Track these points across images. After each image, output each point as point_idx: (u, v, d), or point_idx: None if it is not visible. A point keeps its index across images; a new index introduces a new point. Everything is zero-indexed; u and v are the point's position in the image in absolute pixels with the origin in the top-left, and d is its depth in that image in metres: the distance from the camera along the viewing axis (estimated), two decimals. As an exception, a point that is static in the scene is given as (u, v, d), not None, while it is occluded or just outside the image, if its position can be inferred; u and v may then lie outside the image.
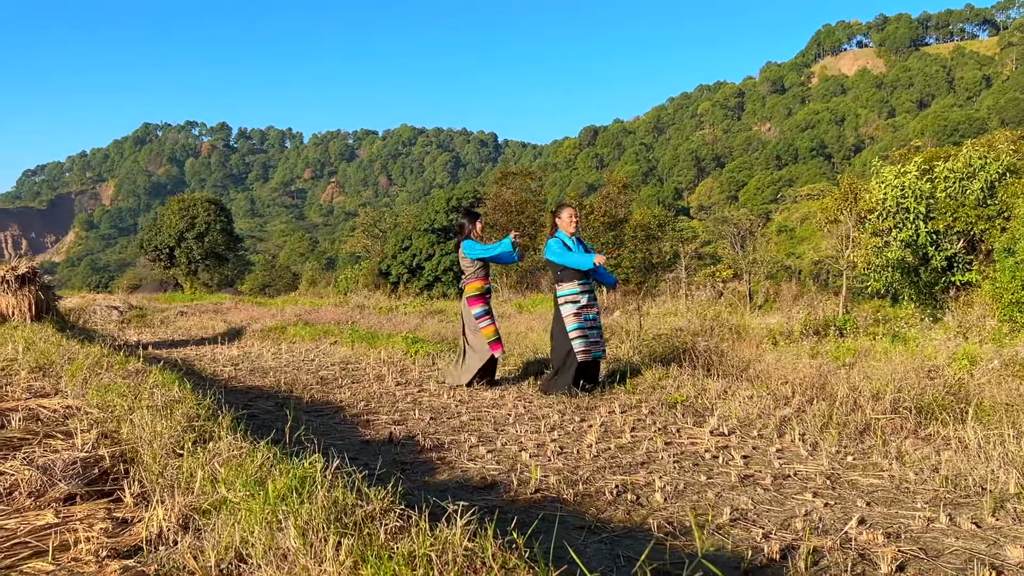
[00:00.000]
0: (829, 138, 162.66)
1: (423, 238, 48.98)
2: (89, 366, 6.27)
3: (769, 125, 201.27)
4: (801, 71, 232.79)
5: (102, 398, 4.98)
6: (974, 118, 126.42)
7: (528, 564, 1.98)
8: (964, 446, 4.53)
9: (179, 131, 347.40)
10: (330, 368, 9.00)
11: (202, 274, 56.51)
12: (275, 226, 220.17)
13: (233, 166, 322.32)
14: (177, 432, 3.69)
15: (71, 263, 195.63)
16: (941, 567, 2.96)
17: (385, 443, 5.20)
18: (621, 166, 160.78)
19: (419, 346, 10.08)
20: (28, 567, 2.52)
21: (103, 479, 3.49)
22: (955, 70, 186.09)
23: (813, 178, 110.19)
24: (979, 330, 13.00)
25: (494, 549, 2.03)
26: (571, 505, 3.79)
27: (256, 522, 2.42)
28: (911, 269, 26.09)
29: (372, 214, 78.90)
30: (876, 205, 26.31)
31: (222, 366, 9.30)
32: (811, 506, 3.73)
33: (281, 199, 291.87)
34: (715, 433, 5.39)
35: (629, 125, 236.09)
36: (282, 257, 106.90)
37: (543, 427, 5.61)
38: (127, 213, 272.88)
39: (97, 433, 4.23)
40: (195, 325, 15.53)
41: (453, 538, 2.08)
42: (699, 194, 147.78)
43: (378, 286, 45.30)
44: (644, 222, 38.96)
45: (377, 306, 19.84)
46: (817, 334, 13.83)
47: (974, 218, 23.79)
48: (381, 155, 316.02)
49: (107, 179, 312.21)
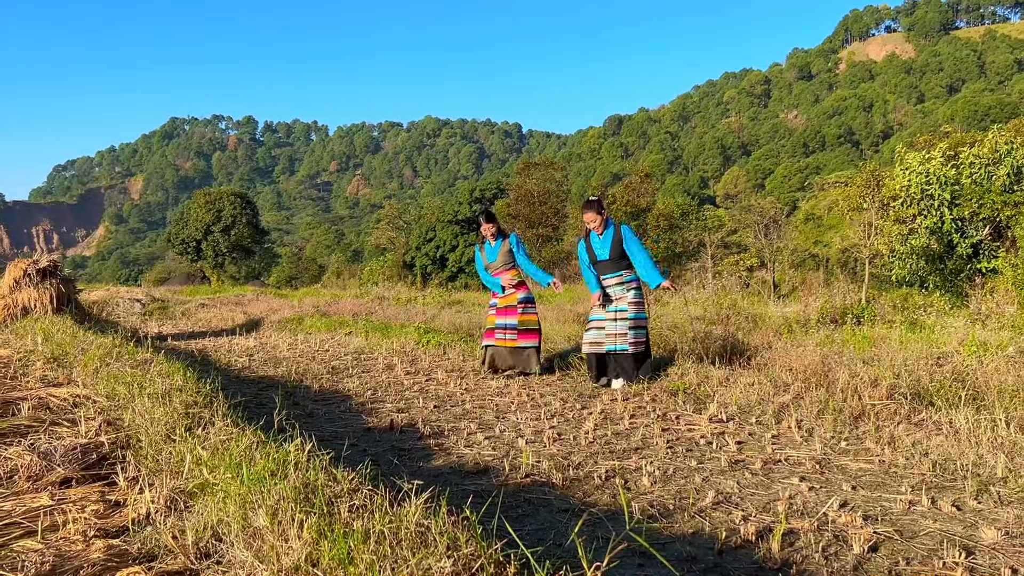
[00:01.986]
0: (857, 125, 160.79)
1: (447, 230, 49.14)
2: (101, 356, 6.42)
3: (796, 112, 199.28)
4: (828, 57, 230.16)
5: (110, 387, 5.12)
6: (1005, 103, 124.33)
7: (475, 539, 2.05)
8: (955, 431, 4.53)
9: (206, 125, 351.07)
10: (342, 358, 9.12)
11: (229, 267, 57.16)
12: (302, 219, 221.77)
13: (259, 159, 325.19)
14: (174, 418, 3.80)
15: (101, 257, 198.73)
16: (913, 548, 2.99)
17: (386, 430, 5.29)
18: (646, 155, 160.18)
19: (431, 336, 10.18)
20: (18, 545, 2.63)
21: (100, 464, 3.61)
22: (986, 54, 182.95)
23: (841, 166, 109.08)
24: (998, 317, 12.86)
25: (445, 525, 2.10)
26: (559, 489, 3.85)
27: (233, 503, 2.51)
28: (936, 256, 25.79)
29: (397, 206, 79.22)
30: (900, 192, 26.02)
31: (237, 356, 9.46)
32: (796, 490, 3.76)
33: (307, 192, 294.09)
34: (713, 420, 5.43)
35: (654, 114, 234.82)
36: (308, 250, 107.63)
37: (543, 414, 5.68)
38: (155, 207, 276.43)
39: (101, 421, 4.36)
40: (215, 317, 15.76)
41: (408, 515, 2.16)
42: (725, 183, 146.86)
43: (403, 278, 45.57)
44: (667, 212, 38.79)
45: (396, 297, 19.99)
46: (834, 322, 13.77)
47: (1000, 204, 23.47)
48: (406, 147, 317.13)
49: (136, 174, 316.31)
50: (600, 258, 7.14)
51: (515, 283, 7.86)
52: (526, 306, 7.79)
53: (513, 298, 7.80)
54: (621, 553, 2.99)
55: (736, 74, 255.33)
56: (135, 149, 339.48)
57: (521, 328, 7.69)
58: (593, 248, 7.20)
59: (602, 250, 7.13)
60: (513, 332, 7.70)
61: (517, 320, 7.69)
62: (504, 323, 7.76)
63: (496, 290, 8.00)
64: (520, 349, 7.70)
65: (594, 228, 7.16)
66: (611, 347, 6.94)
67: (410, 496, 2.31)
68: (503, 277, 7.86)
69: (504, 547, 2.09)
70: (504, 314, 7.80)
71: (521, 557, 2.01)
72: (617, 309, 7.01)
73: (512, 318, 7.73)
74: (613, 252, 7.08)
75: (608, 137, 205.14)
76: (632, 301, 7.03)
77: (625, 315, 6.97)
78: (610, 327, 6.98)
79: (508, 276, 7.85)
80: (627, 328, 6.93)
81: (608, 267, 7.12)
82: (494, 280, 7.98)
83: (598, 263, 7.16)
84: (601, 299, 7.10)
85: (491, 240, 8.01)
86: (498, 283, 7.94)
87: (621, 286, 7.08)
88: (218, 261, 56.44)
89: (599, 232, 7.18)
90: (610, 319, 7.01)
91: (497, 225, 8.00)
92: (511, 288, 7.85)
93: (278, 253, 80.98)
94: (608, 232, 7.16)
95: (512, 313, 7.74)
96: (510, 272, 7.90)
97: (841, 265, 57.00)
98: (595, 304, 7.15)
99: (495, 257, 7.96)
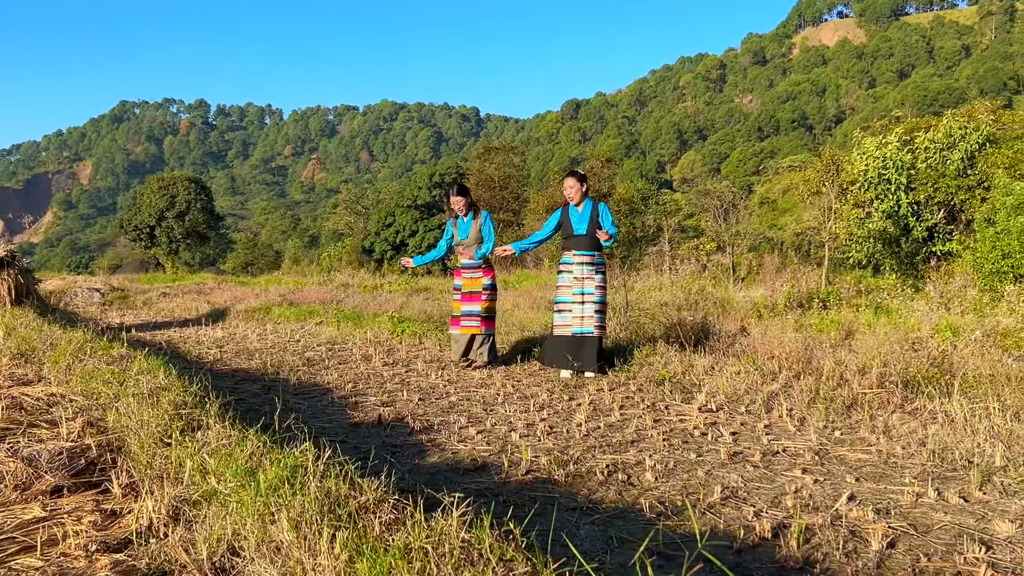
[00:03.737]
0: (810, 109, 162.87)
1: (406, 215, 48.78)
2: (72, 352, 6.19)
3: (751, 97, 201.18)
4: (782, 42, 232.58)
5: (86, 385, 4.93)
6: (953, 88, 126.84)
7: (524, 555, 1.97)
8: (950, 420, 4.57)
9: (157, 109, 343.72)
10: (316, 349, 8.95)
11: (183, 253, 56.18)
12: (256, 204, 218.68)
13: (212, 144, 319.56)
14: (164, 420, 3.65)
15: (50, 244, 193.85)
16: (931, 543, 2.98)
17: (375, 425, 5.18)
18: (604, 140, 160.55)
19: (405, 325, 10.05)
20: (17, 563, 2.49)
21: (90, 470, 3.45)
22: (935, 40, 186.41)
23: (795, 149, 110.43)
24: (961, 300, 13.10)
25: (491, 540, 2.01)
26: (563, 486, 3.79)
27: (248, 514, 2.39)
28: (892, 240, 26.24)
29: (354, 191, 78.53)
30: (858, 176, 26.39)
31: (207, 348, 9.24)
32: (801, 483, 3.75)
33: (262, 176, 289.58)
34: (703, 410, 5.41)
35: (611, 98, 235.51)
36: (264, 235, 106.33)
37: (532, 406, 5.61)
38: (106, 192, 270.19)
39: (83, 422, 4.18)
40: (178, 306, 15.41)
41: (449, 529, 2.06)
42: (681, 167, 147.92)
43: (362, 264, 45.12)
44: (628, 196, 38.90)
45: (361, 285, 19.75)
46: (801, 307, 13.92)
47: (954, 188, 23.93)
48: (362, 131, 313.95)
49: (84, 158, 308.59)
50: (576, 232, 7.10)
51: (484, 266, 7.67)
52: (491, 293, 7.63)
53: (478, 283, 7.58)
54: (635, 550, 2.94)
55: (692, 59, 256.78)
56: (83, 133, 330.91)
57: (484, 316, 7.55)
58: (571, 219, 7.15)
59: (580, 224, 7.10)
60: (477, 319, 7.52)
61: (481, 307, 7.52)
62: (469, 310, 7.58)
63: (417, 263, 8.23)
64: (477, 337, 7.54)
65: (572, 197, 7.13)
66: (577, 330, 6.94)
67: (449, 508, 2.21)
68: (465, 257, 7.68)
69: (559, 566, 2.01)
70: (469, 300, 7.61)
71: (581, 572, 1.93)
72: (584, 291, 6.99)
73: (476, 304, 7.54)
74: (591, 228, 7.05)
75: (566, 121, 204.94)
76: (599, 285, 7.05)
77: (592, 298, 6.98)
78: (577, 310, 6.98)
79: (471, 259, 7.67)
80: (593, 311, 6.96)
81: (583, 243, 7.08)
82: (433, 256, 8.09)
83: (573, 237, 7.12)
84: (507, 250, 7.39)
85: (463, 215, 7.77)
86: (429, 260, 8.16)
87: (592, 267, 7.06)
88: (172, 248, 55.41)
89: (577, 204, 7.16)
90: (577, 301, 6.99)
91: (469, 199, 7.72)
92: (477, 272, 7.64)
93: (233, 239, 79.81)
94: (587, 206, 7.15)
95: (477, 299, 7.55)
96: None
97: (795, 248, 57.82)
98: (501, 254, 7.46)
99: (467, 234, 7.71)
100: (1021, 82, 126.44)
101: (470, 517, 2.20)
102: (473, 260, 7.62)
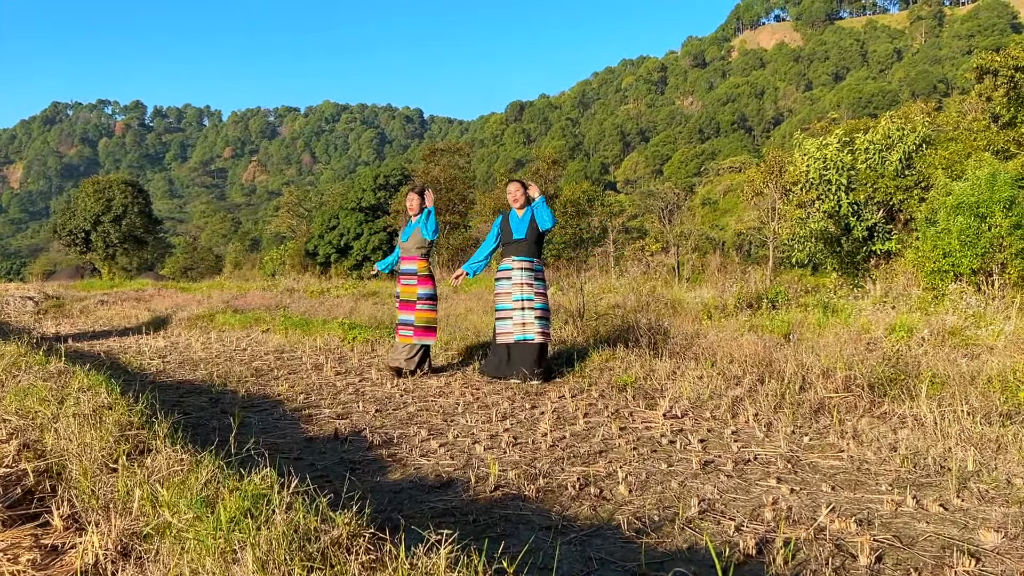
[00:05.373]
0: (750, 111, 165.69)
1: (351, 217, 48.19)
2: (5, 367, 5.84)
3: (692, 99, 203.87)
4: (721, 45, 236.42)
5: (21, 403, 4.62)
6: (887, 90, 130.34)
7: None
8: (920, 424, 4.54)
9: (91, 110, 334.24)
10: (264, 358, 8.66)
11: (120, 258, 54.65)
12: (195, 207, 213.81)
13: (149, 146, 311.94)
14: (109, 443, 3.40)
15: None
16: (918, 556, 2.91)
17: (331, 440, 4.96)
18: (548, 141, 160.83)
19: (356, 332, 9.80)
20: (-54, 612, 2.25)
21: (27, 499, 3.19)
22: (868, 43, 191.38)
23: (735, 151, 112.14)
24: (906, 299, 13.31)
25: (483, 581, 1.85)
26: (534, 502, 3.64)
27: (207, 551, 2.19)
28: (833, 239, 26.71)
29: (296, 193, 77.42)
30: (800, 177, 26.82)
31: (149, 359, 8.87)
32: (777, 493, 3.66)
33: (201, 179, 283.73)
34: (668, 416, 5.32)
35: (555, 100, 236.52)
36: (204, 239, 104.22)
37: (494, 416, 5.46)
38: (38, 196, 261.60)
39: (18, 444, 3.89)
40: (117, 315, 14.86)
41: (436, 570, 1.89)
42: (625, 168, 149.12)
43: (306, 267, 44.42)
44: (574, 198, 38.97)
45: (308, 289, 19.34)
46: (750, 307, 14.01)
47: (893, 188, 24.43)
48: (304, 132, 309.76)
49: (15, 161, 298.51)
50: (516, 236, 7.02)
51: (420, 274, 7.38)
52: (428, 303, 7.35)
53: (413, 292, 7.33)
54: (617, 572, 2.81)
55: (634, 61, 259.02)
56: (13, 135, 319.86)
57: (418, 325, 7.29)
58: (511, 225, 7.08)
59: (519, 229, 7.04)
60: (410, 329, 7.29)
61: (415, 317, 7.28)
62: (404, 319, 7.36)
63: (381, 268, 8.01)
64: (408, 347, 7.29)
65: (516, 203, 7.08)
66: (520, 336, 6.83)
67: (438, 546, 2.04)
68: (405, 263, 7.44)
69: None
70: (404, 308, 7.38)
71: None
72: (524, 298, 6.88)
73: (411, 314, 7.31)
74: (530, 234, 6.99)
75: (510, 123, 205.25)
76: (539, 292, 6.96)
77: (532, 304, 6.88)
78: (518, 316, 6.87)
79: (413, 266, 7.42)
80: (534, 318, 6.85)
81: (522, 248, 6.99)
82: (394, 259, 7.83)
83: (512, 242, 7.02)
84: (459, 276, 7.36)
85: (413, 216, 7.52)
86: (394, 262, 7.86)
87: (530, 272, 6.97)
88: (109, 253, 53.86)
89: (519, 210, 7.11)
90: (518, 308, 6.88)
91: (422, 202, 7.46)
92: (412, 279, 7.37)
93: (172, 243, 78.15)
94: (527, 212, 7.09)
95: (411, 309, 7.32)
96: (419, 263, 7.40)
97: (736, 248, 58.69)
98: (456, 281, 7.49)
99: (407, 237, 7.47)
100: (950, 85, 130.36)
101: (457, 554, 2.03)
102: (410, 266, 7.42)
